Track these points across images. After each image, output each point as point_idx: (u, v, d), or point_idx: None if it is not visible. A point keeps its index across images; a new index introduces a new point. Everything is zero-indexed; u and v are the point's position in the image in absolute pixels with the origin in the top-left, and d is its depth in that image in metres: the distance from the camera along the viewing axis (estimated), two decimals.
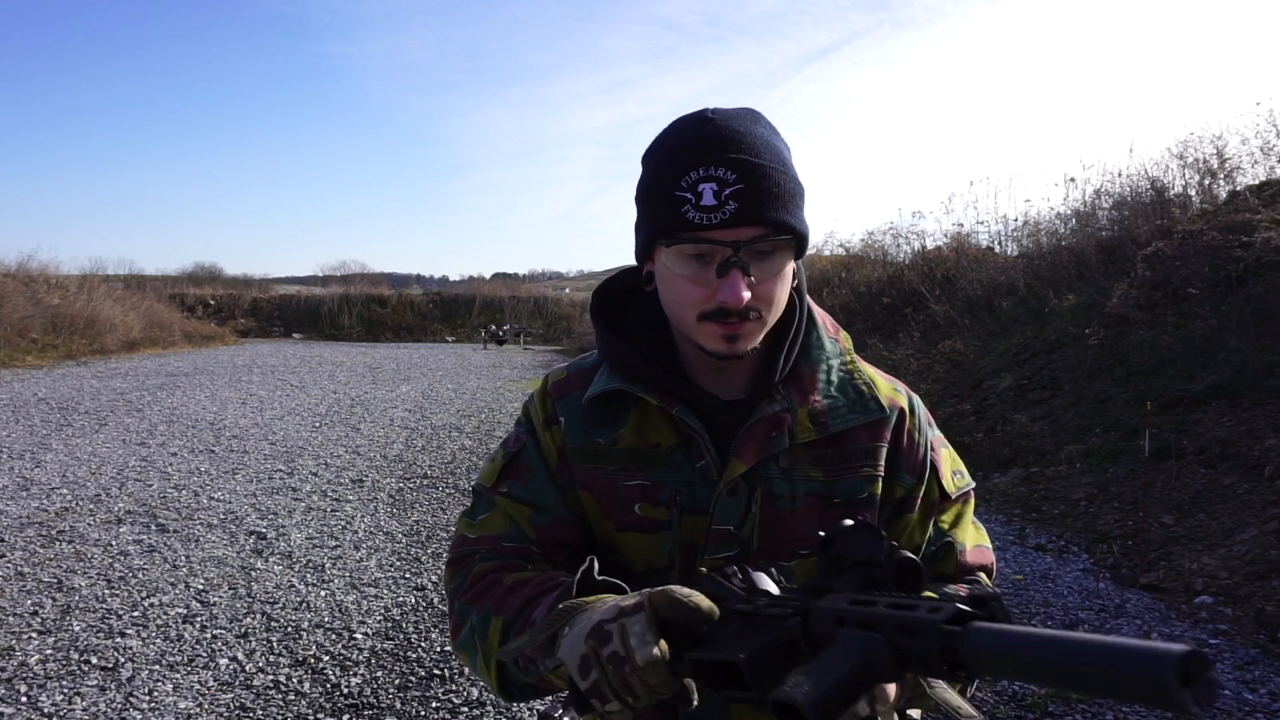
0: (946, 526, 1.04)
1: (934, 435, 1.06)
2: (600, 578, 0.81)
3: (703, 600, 0.71)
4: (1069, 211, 12.06)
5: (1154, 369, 6.68)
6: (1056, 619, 3.97)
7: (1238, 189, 9.36)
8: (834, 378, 1.01)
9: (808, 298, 1.03)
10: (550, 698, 0.96)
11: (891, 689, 0.75)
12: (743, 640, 0.66)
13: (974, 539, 1.06)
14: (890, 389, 1.04)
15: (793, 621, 0.65)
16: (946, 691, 0.75)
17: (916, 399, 1.06)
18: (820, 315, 1.05)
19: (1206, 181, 9.99)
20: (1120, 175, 11.89)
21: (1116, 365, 7.10)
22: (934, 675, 0.58)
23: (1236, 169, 9.76)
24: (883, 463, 1.00)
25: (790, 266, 0.93)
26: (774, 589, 0.72)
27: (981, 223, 15.48)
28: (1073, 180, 14.13)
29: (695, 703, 0.72)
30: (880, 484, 0.99)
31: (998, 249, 13.08)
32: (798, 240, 0.91)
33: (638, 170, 1.01)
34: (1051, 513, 5.64)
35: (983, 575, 1.05)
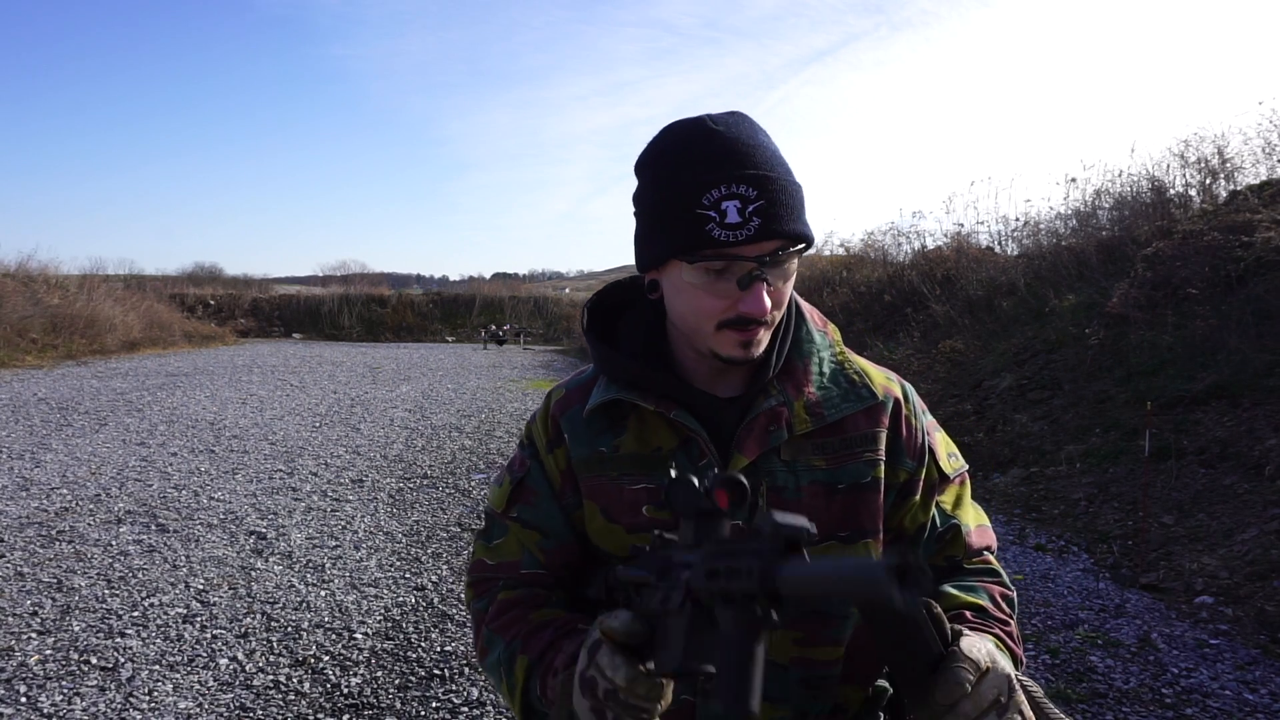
0: (949, 509, 1.07)
1: (928, 420, 1.09)
2: None
3: (619, 624, 0.79)
4: (1069, 211, 12.06)
5: (1154, 369, 6.68)
6: (1056, 619, 3.96)
7: (1238, 189, 9.35)
8: (825, 369, 1.04)
9: (794, 293, 1.06)
10: None
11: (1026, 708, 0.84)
12: (666, 641, 0.74)
13: (975, 519, 1.10)
14: (883, 378, 1.07)
15: (679, 605, 0.72)
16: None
17: (909, 386, 1.10)
18: (807, 309, 1.08)
19: (1207, 181, 9.98)
20: (1121, 175, 11.90)
21: (1116, 365, 7.09)
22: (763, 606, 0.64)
23: (1238, 169, 9.75)
24: (883, 447, 1.02)
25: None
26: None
27: (982, 223, 15.51)
28: (1073, 180, 14.11)
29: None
30: (883, 468, 1.02)
31: (998, 249, 13.07)
32: (808, 246, 0.94)
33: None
34: (1051, 513, 5.64)
35: (988, 555, 1.09)
